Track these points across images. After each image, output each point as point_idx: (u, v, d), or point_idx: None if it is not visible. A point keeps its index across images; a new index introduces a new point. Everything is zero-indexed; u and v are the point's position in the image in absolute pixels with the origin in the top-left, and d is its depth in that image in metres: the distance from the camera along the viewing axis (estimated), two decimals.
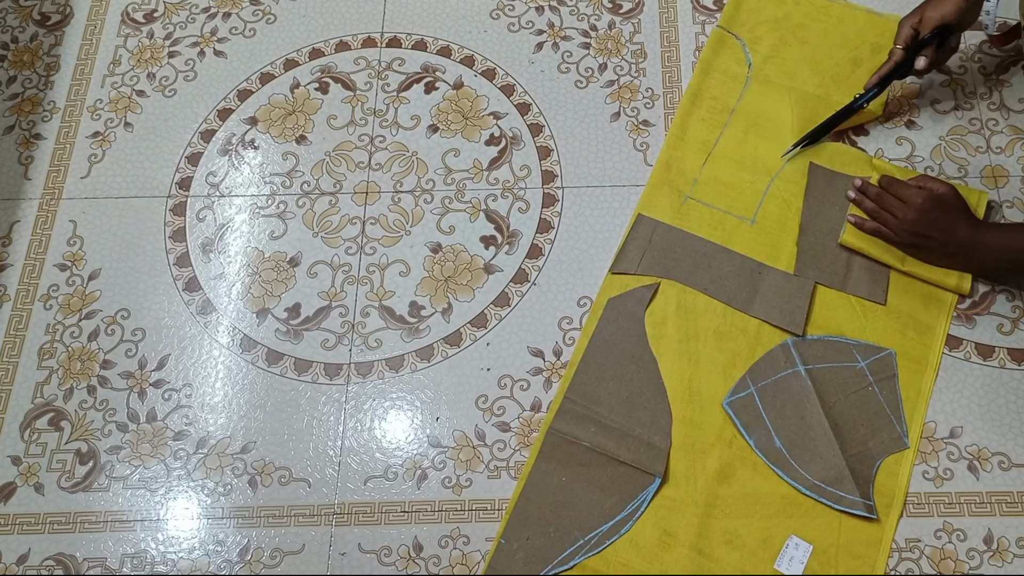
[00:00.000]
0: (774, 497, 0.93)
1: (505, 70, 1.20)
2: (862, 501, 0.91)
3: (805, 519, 0.92)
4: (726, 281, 1.03)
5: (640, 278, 1.04)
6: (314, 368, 1.03)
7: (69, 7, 1.28)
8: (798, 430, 0.95)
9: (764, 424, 0.95)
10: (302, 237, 1.10)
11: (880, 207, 1.01)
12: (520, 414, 0.99)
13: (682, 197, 1.08)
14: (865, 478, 0.93)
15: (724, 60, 1.17)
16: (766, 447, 0.95)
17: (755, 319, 1.01)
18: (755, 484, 0.94)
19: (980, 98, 1.14)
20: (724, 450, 0.95)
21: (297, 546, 0.94)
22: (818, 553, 0.90)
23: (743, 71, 1.16)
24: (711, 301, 1.02)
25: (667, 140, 1.12)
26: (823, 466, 0.93)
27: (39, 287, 1.09)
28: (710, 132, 1.13)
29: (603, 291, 1.04)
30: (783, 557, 0.90)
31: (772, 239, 1.06)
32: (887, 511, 0.92)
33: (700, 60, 1.17)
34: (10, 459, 1.00)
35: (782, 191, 1.08)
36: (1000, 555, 0.90)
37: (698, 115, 1.14)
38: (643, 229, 1.07)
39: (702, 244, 1.05)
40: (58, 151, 1.18)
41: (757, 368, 0.98)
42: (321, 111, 1.18)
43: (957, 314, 1.01)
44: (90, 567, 0.94)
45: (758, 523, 0.92)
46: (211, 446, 0.99)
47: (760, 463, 0.94)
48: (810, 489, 0.92)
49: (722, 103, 1.14)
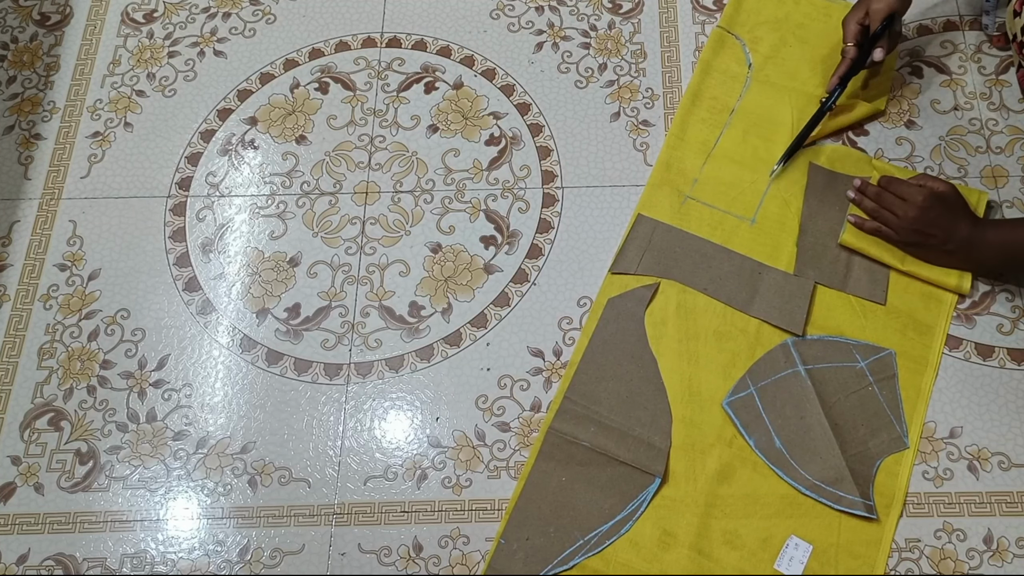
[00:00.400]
0: (774, 497, 0.93)
1: (505, 70, 1.19)
2: (862, 501, 0.91)
3: (805, 519, 0.92)
4: (726, 281, 1.03)
5: (640, 278, 1.04)
6: (314, 368, 1.03)
7: (69, 7, 1.29)
8: (798, 430, 0.95)
9: (764, 424, 0.95)
10: (302, 237, 1.10)
11: (880, 206, 1.01)
12: (520, 414, 0.99)
13: (682, 197, 1.08)
14: (865, 478, 0.93)
15: (724, 60, 1.17)
16: (766, 447, 0.95)
17: (755, 319, 1.01)
18: (755, 484, 0.94)
19: (980, 98, 1.14)
20: (724, 450, 0.95)
21: (297, 546, 0.94)
22: (818, 553, 0.90)
23: (743, 71, 1.16)
24: (711, 301, 1.02)
25: (667, 140, 1.12)
26: (823, 466, 0.93)
27: (39, 287, 1.09)
28: (710, 132, 1.13)
29: (603, 291, 1.04)
30: (783, 557, 0.90)
31: (772, 239, 1.06)
32: (887, 511, 0.92)
33: (700, 60, 1.17)
34: (10, 459, 1.00)
35: (782, 191, 1.08)
36: (1000, 555, 0.90)
37: (698, 115, 1.14)
38: (643, 229, 1.07)
39: (702, 244, 1.05)
40: (58, 151, 1.18)
41: (757, 368, 0.98)
42: (321, 111, 1.18)
43: (957, 314, 1.01)
44: (90, 567, 0.94)
45: (758, 523, 0.92)
46: (211, 446, 0.99)
47: (760, 463, 0.94)
48: (810, 489, 0.92)
49: (722, 103, 1.14)
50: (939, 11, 1.20)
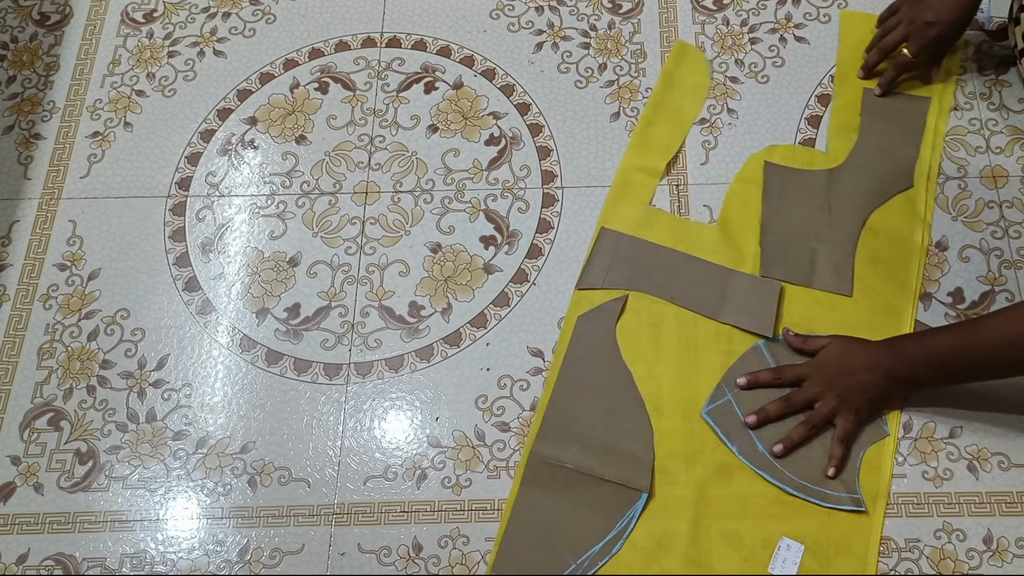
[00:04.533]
0: (763, 501, 0.92)
1: (505, 70, 1.20)
2: (848, 496, 0.91)
3: (795, 519, 0.92)
4: (694, 289, 1.03)
5: (608, 292, 1.03)
6: (314, 368, 1.03)
7: (69, 7, 1.29)
8: (779, 431, 0.95)
9: (745, 429, 0.95)
10: (302, 237, 1.10)
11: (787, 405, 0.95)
12: (520, 414, 0.99)
13: (644, 206, 1.08)
14: (850, 472, 0.93)
15: (686, 71, 1.17)
16: (749, 452, 0.94)
17: (726, 325, 1.01)
18: (743, 489, 0.93)
19: (980, 98, 1.14)
20: (708, 458, 0.94)
21: (297, 546, 0.94)
22: (810, 552, 0.90)
23: (705, 82, 1.16)
24: (681, 310, 1.02)
25: (627, 151, 1.12)
26: (807, 465, 0.93)
27: (39, 287, 1.09)
28: (671, 141, 1.13)
29: (571, 309, 1.03)
30: (776, 559, 0.90)
31: (736, 241, 1.05)
32: (873, 503, 0.92)
33: (662, 72, 1.17)
34: (10, 459, 1.00)
35: (741, 192, 1.08)
36: (1000, 555, 0.90)
37: (659, 126, 1.14)
38: (607, 242, 1.06)
39: (668, 254, 1.05)
40: (58, 151, 1.18)
41: (731, 374, 0.98)
42: (321, 111, 1.18)
43: (957, 314, 1.01)
44: (90, 567, 0.94)
45: (750, 526, 0.91)
46: (211, 446, 0.99)
47: (745, 468, 0.94)
48: (797, 489, 0.92)
49: (684, 115, 1.14)
50: None
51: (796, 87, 1.16)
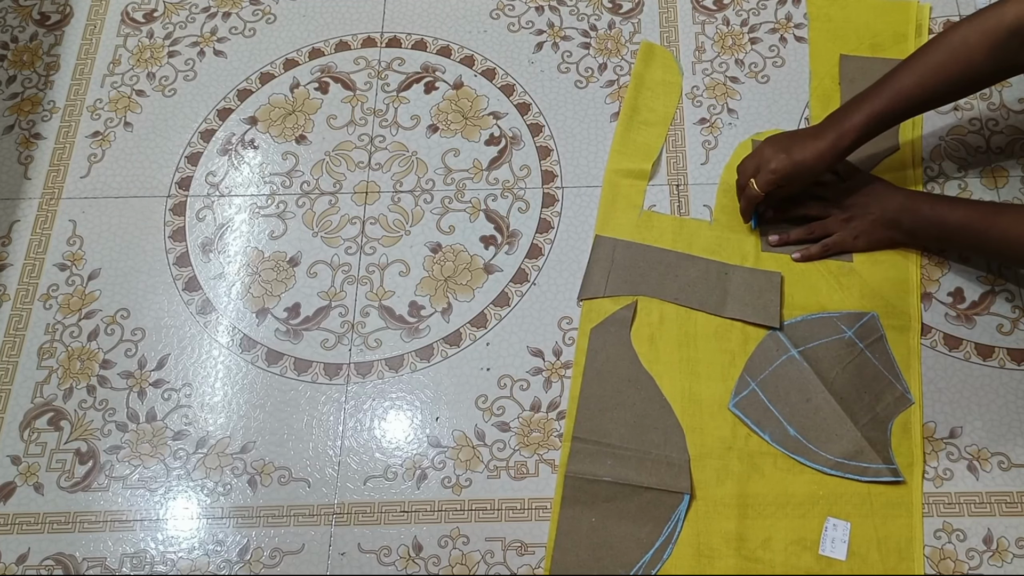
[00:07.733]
0: (803, 485, 0.93)
1: (505, 70, 1.20)
2: (886, 467, 0.92)
3: (837, 499, 0.92)
4: (695, 287, 1.03)
5: (617, 300, 1.03)
6: (314, 368, 1.03)
7: (69, 7, 1.29)
8: (808, 413, 0.95)
9: (774, 416, 0.95)
10: (302, 237, 1.10)
11: (812, 231, 1.04)
12: (520, 414, 0.99)
13: (638, 210, 1.08)
14: (883, 443, 0.93)
15: (656, 71, 1.17)
16: (782, 438, 0.95)
17: None
18: (780, 477, 0.93)
19: (980, 98, 1.14)
20: (742, 451, 0.95)
21: (297, 546, 0.94)
22: (856, 528, 0.90)
23: (677, 79, 1.16)
24: (686, 310, 1.02)
25: (610, 158, 1.12)
26: (841, 442, 0.93)
27: (39, 287, 1.09)
28: (653, 142, 1.13)
29: (582, 323, 1.03)
30: (825, 541, 0.90)
31: (734, 233, 1.06)
32: (910, 471, 0.93)
33: (633, 74, 1.17)
34: (10, 459, 1.00)
35: (731, 183, 1.08)
36: (1000, 555, 0.90)
37: (637, 129, 1.14)
38: (603, 250, 1.06)
39: (663, 255, 1.05)
40: (58, 151, 1.18)
41: (752, 363, 0.98)
42: (321, 111, 1.18)
43: (956, 314, 1.01)
44: (90, 567, 0.94)
45: (793, 512, 0.92)
46: (211, 446, 0.99)
47: (780, 455, 0.94)
48: (834, 468, 0.92)
49: (660, 115, 1.14)
50: (939, 11, 1.20)
51: (796, 87, 1.16)
